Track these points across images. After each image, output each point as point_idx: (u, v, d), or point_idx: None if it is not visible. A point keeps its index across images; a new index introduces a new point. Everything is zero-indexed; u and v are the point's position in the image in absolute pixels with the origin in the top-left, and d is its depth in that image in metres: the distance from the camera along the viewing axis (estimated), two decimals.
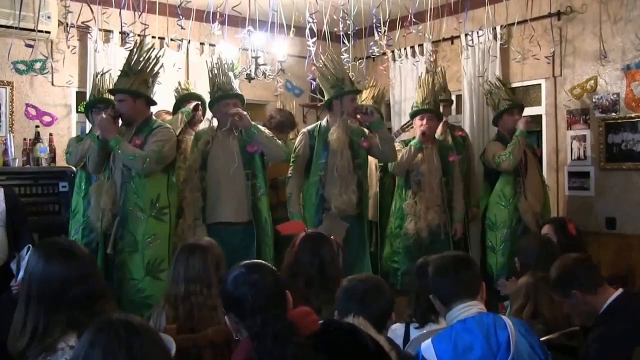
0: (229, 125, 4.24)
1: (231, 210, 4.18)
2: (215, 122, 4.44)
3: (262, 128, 4.35)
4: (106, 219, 3.94)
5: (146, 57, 4.09)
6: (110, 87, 4.37)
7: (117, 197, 3.97)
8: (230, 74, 4.37)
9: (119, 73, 4.14)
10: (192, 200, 4.19)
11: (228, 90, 4.31)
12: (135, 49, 4.10)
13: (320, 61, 4.57)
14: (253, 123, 4.26)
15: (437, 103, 5.00)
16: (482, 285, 2.42)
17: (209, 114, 4.70)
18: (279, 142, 4.37)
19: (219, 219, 4.18)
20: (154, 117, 4.99)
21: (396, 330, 2.84)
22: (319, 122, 4.66)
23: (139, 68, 4.07)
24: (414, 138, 4.92)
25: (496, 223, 4.88)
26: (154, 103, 4.25)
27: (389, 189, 5.30)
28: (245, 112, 4.23)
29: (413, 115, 4.98)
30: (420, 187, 4.77)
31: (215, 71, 4.32)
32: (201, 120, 4.93)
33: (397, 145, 4.86)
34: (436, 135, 5.12)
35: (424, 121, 4.83)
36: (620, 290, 2.67)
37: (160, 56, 4.20)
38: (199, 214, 4.17)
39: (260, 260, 2.14)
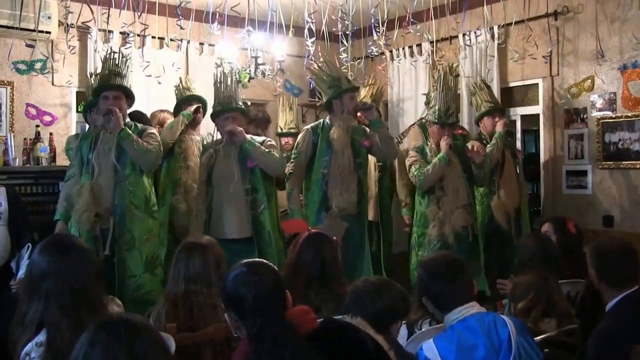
0: (224, 141, 4.26)
1: (234, 227, 4.19)
2: (218, 135, 4.47)
3: (259, 140, 4.32)
4: (90, 221, 3.92)
5: (125, 62, 4.21)
6: None
7: (105, 197, 3.98)
8: (234, 87, 4.35)
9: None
10: (196, 214, 4.26)
11: (228, 104, 4.31)
12: (120, 53, 4.21)
13: (315, 64, 4.58)
14: (248, 139, 4.23)
15: (458, 109, 4.93)
16: (475, 285, 2.45)
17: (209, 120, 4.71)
18: (276, 155, 4.29)
19: (224, 236, 4.13)
20: (149, 115, 5.08)
21: (400, 330, 2.86)
22: (322, 120, 4.66)
23: (125, 72, 4.20)
24: (425, 144, 4.82)
25: None
26: (131, 105, 4.34)
27: (388, 188, 5.32)
28: (240, 128, 4.22)
29: (436, 124, 4.68)
30: (443, 192, 4.58)
31: (218, 85, 4.34)
32: (200, 122, 4.95)
33: (413, 154, 4.72)
34: None
35: (446, 132, 4.64)
36: (633, 289, 2.64)
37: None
38: (202, 227, 4.18)
39: (261, 260, 2.13)
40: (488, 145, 4.88)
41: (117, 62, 4.17)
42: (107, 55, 4.20)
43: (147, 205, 4.12)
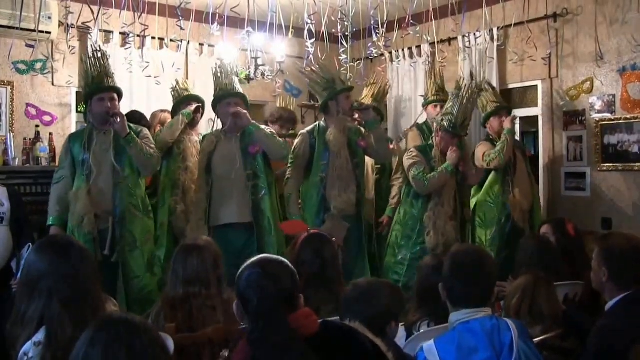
0: (228, 125, 4.29)
1: (233, 211, 4.22)
2: (219, 124, 4.48)
3: (263, 127, 4.38)
4: (90, 223, 3.93)
5: (107, 61, 4.21)
6: None
7: (103, 199, 4.00)
8: (234, 77, 4.40)
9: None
10: (197, 202, 4.28)
11: (229, 90, 4.36)
12: (104, 55, 4.19)
13: (307, 68, 4.60)
14: (252, 122, 4.30)
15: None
16: (494, 292, 2.42)
17: (211, 114, 4.72)
18: (280, 139, 4.38)
19: (223, 221, 4.22)
20: (150, 115, 5.10)
21: (398, 332, 2.87)
22: (317, 123, 4.67)
23: (112, 71, 4.22)
24: (427, 146, 4.78)
25: (485, 221, 4.91)
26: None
27: (386, 191, 5.31)
28: (244, 111, 4.27)
29: (448, 132, 4.58)
30: (440, 200, 4.55)
31: (219, 74, 4.38)
32: (199, 122, 4.95)
33: (415, 153, 4.66)
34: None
35: (454, 142, 4.59)
36: (635, 289, 2.64)
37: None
38: (202, 215, 4.22)
39: (281, 261, 2.03)
40: (497, 144, 4.87)
41: (102, 62, 4.15)
42: (93, 54, 4.16)
43: (144, 205, 4.17)
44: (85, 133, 4.11)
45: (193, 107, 4.78)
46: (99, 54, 4.16)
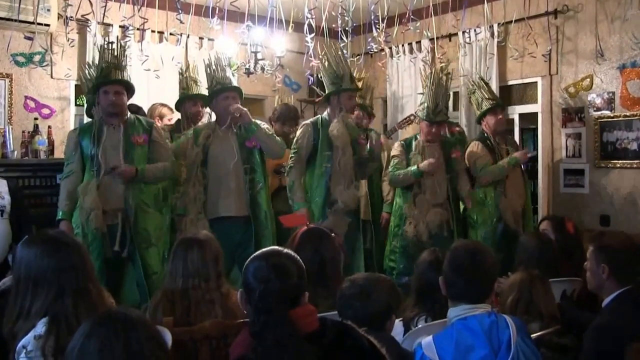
0: (228, 122, 4.27)
1: (231, 205, 4.23)
2: (214, 117, 4.46)
3: (262, 124, 4.38)
4: (98, 219, 3.87)
5: (123, 54, 4.13)
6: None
7: (112, 194, 3.96)
8: (228, 69, 4.39)
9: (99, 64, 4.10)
10: (194, 195, 4.23)
11: (227, 83, 4.34)
12: (117, 44, 4.12)
13: (324, 55, 4.58)
14: (253, 120, 4.29)
15: (447, 108, 4.92)
16: (494, 288, 2.40)
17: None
18: (278, 138, 4.41)
19: (220, 214, 4.23)
20: (149, 108, 5.07)
21: (396, 327, 2.87)
22: (319, 116, 4.68)
23: (124, 63, 4.11)
24: (413, 138, 4.91)
25: (477, 221, 4.93)
26: (130, 98, 4.26)
27: (378, 186, 5.33)
28: (245, 109, 4.27)
29: (424, 120, 4.78)
30: (420, 189, 4.69)
31: (213, 66, 4.35)
32: (202, 118, 4.93)
33: (398, 148, 4.86)
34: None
35: (433, 129, 4.74)
36: (629, 286, 2.64)
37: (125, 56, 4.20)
38: (201, 208, 4.21)
39: (292, 256, 1.96)
40: (499, 163, 4.89)
41: (115, 54, 4.06)
42: (105, 46, 4.07)
43: (157, 201, 4.12)
44: (95, 127, 4.02)
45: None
46: (114, 46, 4.06)
